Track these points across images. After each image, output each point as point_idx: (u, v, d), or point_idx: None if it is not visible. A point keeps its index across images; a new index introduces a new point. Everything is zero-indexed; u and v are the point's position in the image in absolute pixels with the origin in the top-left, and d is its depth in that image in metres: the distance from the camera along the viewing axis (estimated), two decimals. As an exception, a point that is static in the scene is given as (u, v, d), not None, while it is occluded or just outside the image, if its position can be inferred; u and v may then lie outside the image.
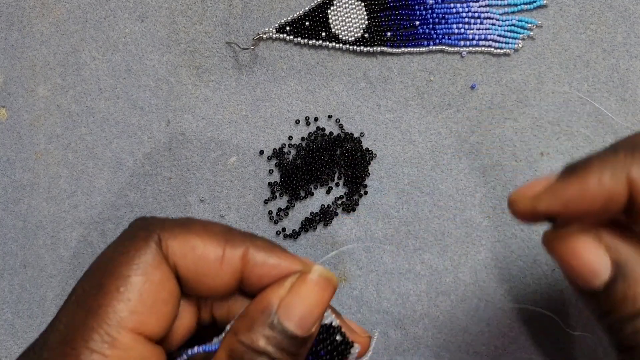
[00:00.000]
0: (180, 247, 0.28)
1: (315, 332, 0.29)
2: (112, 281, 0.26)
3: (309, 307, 0.29)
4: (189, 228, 0.28)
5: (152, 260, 0.27)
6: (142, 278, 0.26)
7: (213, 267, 0.28)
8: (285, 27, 0.49)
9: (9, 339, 0.48)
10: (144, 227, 0.28)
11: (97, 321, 0.25)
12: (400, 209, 0.49)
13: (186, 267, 0.28)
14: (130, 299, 0.26)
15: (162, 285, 0.27)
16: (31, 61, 0.50)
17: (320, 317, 0.29)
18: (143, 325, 0.26)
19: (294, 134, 0.49)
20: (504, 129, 0.49)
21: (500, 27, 0.49)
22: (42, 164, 0.49)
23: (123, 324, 0.25)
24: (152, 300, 0.26)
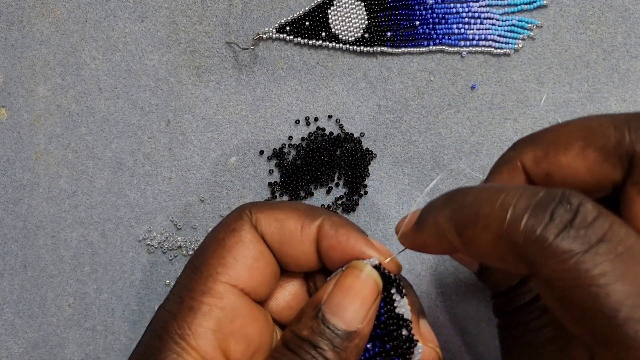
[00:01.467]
0: (266, 218, 0.32)
1: (364, 329, 0.30)
2: (211, 245, 0.32)
3: (351, 302, 0.30)
4: (275, 205, 0.33)
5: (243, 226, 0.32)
6: (235, 240, 0.32)
7: (294, 235, 0.32)
8: (285, 27, 0.49)
9: (10, 339, 0.48)
10: (240, 207, 0.34)
11: (197, 276, 0.31)
12: (401, 210, 0.49)
13: (271, 235, 0.32)
14: (224, 257, 0.31)
15: (252, 244, 0.32)
16: (31, 61, 0.50)
17: (364, 314, 0.30)
18: (236, 278, 0.31)
19: (294, 134, 0.49)
20: (504, 129, 0.49)
21: (501, 27, 0.49)
22: (42, 164, 0.49)
23: (219, 277, 0.30)
24: (243, 256, 0.31)
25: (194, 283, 0.31)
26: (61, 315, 0.48)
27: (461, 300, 0.48)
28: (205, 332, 0.29)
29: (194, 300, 0.30)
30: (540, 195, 0.25)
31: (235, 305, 0.30)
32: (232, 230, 0.32)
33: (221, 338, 0.30)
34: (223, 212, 0.49)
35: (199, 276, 0.31)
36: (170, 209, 0.49)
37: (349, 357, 0.29)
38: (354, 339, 0.29)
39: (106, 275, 0.48)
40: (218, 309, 0.30)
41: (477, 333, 0.48)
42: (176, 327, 0.29)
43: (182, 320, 0.30)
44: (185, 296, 0.30)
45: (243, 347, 0.31)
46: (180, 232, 0.49)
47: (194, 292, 0.30)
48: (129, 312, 0.48)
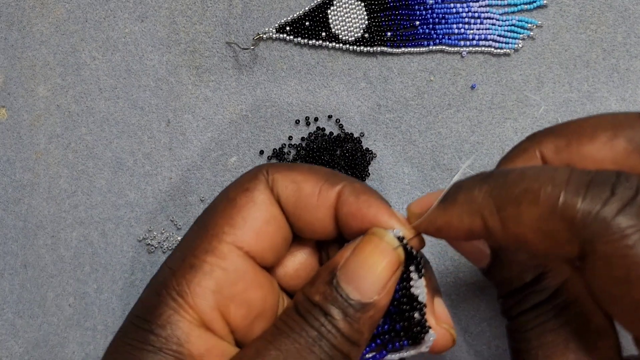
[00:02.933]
0: (283, 179, 0.31)
1: (380, 302, 0.28)
2: (221, 203, 0.30)
3: (368, 271, 0.28)
4: (294, 167, 0.32)
5: (257, 186, 0.30)
6: (246, 200, 0.30)
7: (310, 200, 0.30)
8: (285, 27, 0.49)
9: (10, 339, 0.48)
10: (257, 166, 0.32)
11: (203, 232, 0.30)
12: (401, 210, 0.48)
13: (286, 198, 0.30)
14: (232, 216, 0.29)
15: (265, 206, 0.30)
16: (31, 61, 0.50)
17: (382, 286, 0.28)
18: (242, 240, 0.29)
19: (294, 134, 0.49)
20: (504, 129, 0.49)
21: (501, 27, 0.49)
22: (42, 164, 0.49)
23: (224, 237, 0.29)
24: (252, 218, 0.30)
25: (198, 240, 0.29)
26: (61, 314, 0.48)
27: (462, 300, 0.48)
28: (204, 292, 0.28)
29: (196, 258, 0.29)
30: (596, 173, 0.24)
31: (239, 268, 0.29)
32: (245, 190, 0.30)
33: (221, 300, 0.29)
34: (223, 212, 0.49)
35: (204, 234, 0.30)
36: (170, 209, 0.49)
37: (361, 328, 0.28)
38: (369, 310, 0.28)
39: (106, 275, 0.48)
40: (220, 270, 0.29)
41: (478, 333, 0.48)
42: (175, 284, 0.28)
43: (182, 278, 0.28)
44: (187, 254, 0.29)
45: (243, 312, 0.29)
46: (181, 232, 0.49)
47: (197, 250, 0.29)
48: (129, 311, 0.48)
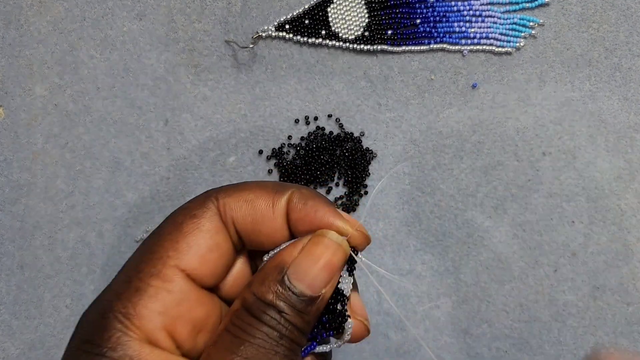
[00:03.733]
0: (235, 201, 0.32)
1: (326, 294, 0.31)
2: (168, 227, 0.32)
3: (317, 268, 0.31)
4: (242, 187, 0.33)
5: (204, 213, 0.32)
6: (193, 226, 0.31)
7: (266, 213, 0.32)
8: (284, 25, 0.49)
9: (7, 340, 0.48)
10: (206, 192, 0.33)
11: (148, 256, 0.31)
12: (401, 209, 0.48)
13: (242, 218, 0.32)
14: (178, 241, 0.31)
15: (210, 235, 0.32)
16: (28, 60, 0.49)
17: (328, 280, 0.31)
18: (185, 263, 0.31)
19: (293, 134, 0.49)
20: (505, 129, 0.48)
21: (502, 26, 0.49)
22: (40, 164, 0.49)
23: (169, 261, 0.30)
24: (197, 244, 0.31)
25: (143, 264, 0.31)
26: (58, 316, 0.48)
27: (462, 302, 0.48)
28: (150, 314, 0.29)
29: (141, 282, 0.30)
30: None
31: (183, 289, 0.30)
32: (192, 216, 0.32)
33: (167, 320, 0.30)
34: (222, 212, 0.48)
35: (149, 257, 0.31)
36: (168, 209, 0.48)
37: (310, 320, 0.30)
38: (318, 303, 0.30)
39: (104, 276, 0.48)
40: (165, 292, 0.30)
41: (478, 335, 0.47)
42: (121, 307, 0.29)
43: (127, 301, 0.29)
44: (133, 276, 0.30)
45: (189, 329, 0.31)
46: (179, 232, 0.48)
47: (142, 273, 0.30)
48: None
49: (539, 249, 0.48)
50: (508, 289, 0.48)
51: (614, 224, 0.48)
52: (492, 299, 0.48)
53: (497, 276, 0.48)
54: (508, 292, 0.48)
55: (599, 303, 0.47)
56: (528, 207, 0.48)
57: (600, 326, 0.47)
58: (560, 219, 0.48)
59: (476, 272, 0.48)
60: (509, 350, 0.47)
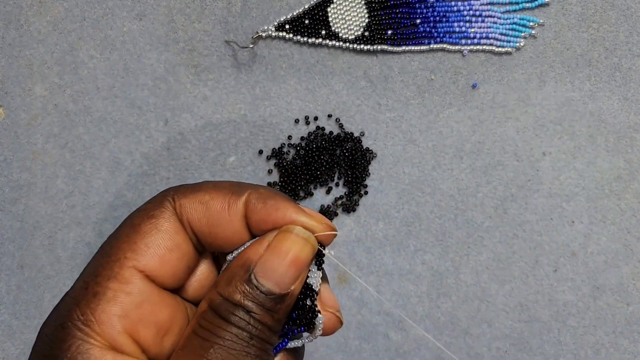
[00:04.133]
0: (191, 203, 0.31)
1: (295, 290, 0.30)
2: (125, 229, 0.31)
3: (285, 265, 0.30)
4: (199, 187, 0.32)
5: (162, 213, 0.31)
6: (151, 227, 0.30)
7: (221, 216, 0.31)
8: (284, 25, 0.49)
9: (7, 340, 0.48)
10: (163, 191, 0.32)
11: (105, 259, 0.30)
12: (401, 209, 0.48)
13: (198, 220, 0.31)
14: (135, 242, 0.30)
15: (169, 235, 0.31)
16: (28, 60, 0.49)
17: (297, 277, 0.30)
18: (143, 264, 0.30)
19: (293, 134, 0.49)
20: (505, 129, 0.48)
21: (502, 26, 0.49)
22: (40, 164, 0.49)
23: (126, 262, 0.29)
24: (155, 245, 0.30)
25: (100, 267, 0.30)
26: (58, 316, 0.48)
27: (462, 302, 0.48)
28: (109, 318, 0.28)
29: (99, 285, 0.29)
30: None
31: (143, 291, 0.29)
32: (150, 217, 0.31)
33: (128, 323, 0.29)
34: (222, 212, 0.48)
35: (106, 260, 0.30)
36: (168, 209, 0.48)
37: (280, 317, 0.30)
38: (287, 300, 0.30)
39: (104, 276, 0.48)
40: (124, 294, 0.29)
41: (478, 334, 0.47)
42: (79, 314, 0.28)
43: (86, 307, 0.28)
44: (90, 281, 0.29)
45: (153, 332, 0.30)
46: (179, 232, 0.48)
47: (99, 276, 0.29)
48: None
49: (539, 249, 0.48)
50: (508, 289, 0.48)
51: (614, 224, 0.48)
52: (492, 299, 0.48)
53: (497, 276, 0.48)
54: (508, 292, 0.48)
55: (599, 303, 0.47)
56: (528, 207, 0.48)
57: (600, 326, 0.47)
58: (560, 219, 0.48)
59: (476, 272, 0.48)
60: (509, 350, 0.47)
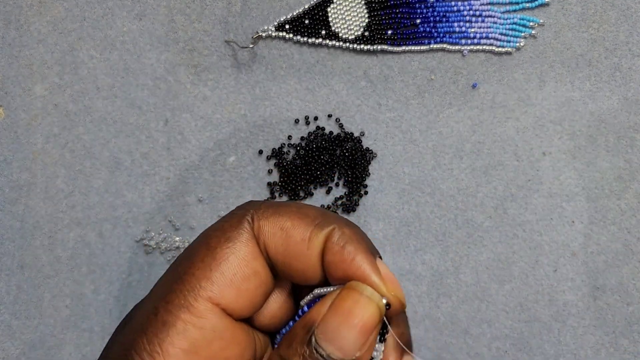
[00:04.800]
0: (271, 227, 0.28)
1: (364, 357, 0.27)
2: (200, 251, 0.28)
3: (350, 329, 0.27)
4: (281, 210, 0.29)
5: (240, 236, 0.28)
6: (228, 251, 0.28)
7: (300, 248, 0.28)
8: (284, 25, 0.49)
9: (7, 340, 0.48)
10: (242, 207, 0.30)
11: (179, 286, 0.27)
12: (401, 209, 0.48)
13: (275, 248, 0.28)
14: (211, 269, 0.27)
15: (247, 261, 0.28)
16: (28, 60, 0.49)
17: (362, 342, 0.27)
18: (220, 296, 0.27)
19: (293, 134, 0.49)
20: (505, 129, 0.48)
21: (502, 26, 0.49)
22: (40, 164, 0.49)
23: (201, 292, 0.27)
24: (232, 273, 0.27)
25: (173, 294, 0.27)
26: (58, 316, 0.48)
27: (462, 302, 0.48)
28: (177, 353, 0.26)
29: (170, 314, 0.26)
30: None
31: (216, 326, 0.27)
32: (226, 239, 0.28)
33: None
34: (221, 213, 0.48)
35: (179, 287, 0.27)
36: (168, 209, 0.48)
37: None
38: None
39: (103, 276, 0.48)
40: (195, 329, 0.26)
41: (478, 334, 0.47)
42: (146, 343, 0.26)
43: (153, 336, 0.26)
44: (160, 308, 0.27)
45: None
46: (179, 232, 0.48)
47: (170, 304, 0.27)
48: (126, 313, 0.48)
49: (539, 249, 0.48)
50: (508, 289, 0.48)
51: (614, 224, 0.48)
52: (492, 299, 0.48)
53: (497, 276, 0.48)
54: (508, 292, 0.48)
55: (599, 303, 0.47)
56: (528, 207, 0.48)
57: (600, 326, 0.47)
58: (560, 219, 0.48)
59: (476, 272, 0.48)
60: (509, 350, 0.47)
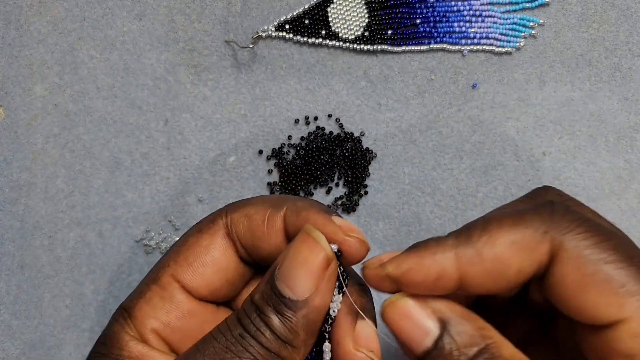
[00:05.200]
0: (238, 216, 0.32)
1: (315, 300, 0.28)
2: (179, 240, 0.33)
3: (301, 269, 0.28)
4: (249, 201, 0.33)
5: (209, 229, 0.32)
6: (194, 241, 0.32)
7: (261, 229, 0.31)
8: (284, 25, 0.49)
9: (7, 340, 0.48)
10: (224, 207, 0.34)
11: (158, 265, 0.33)
12: (401, 210, 0.48)
13: (243, 233, 0.32)
14: (179, 253, 0.32)
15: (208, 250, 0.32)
16: (28, 60, 0.49)
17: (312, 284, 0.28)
18: (180, 274, 0.32)
19: (293, 134, 0.49)
20: (505, 129, 0.48)
21: (502, 26, 0.49)
22: (40, 164, 0.49)
23: (167, 270, 0.32)
24: (193, 258, 0.32)
25: (152, 272, 0.33)
26: (58, 316, 0.48)
27: (462, 301, 0.48)
28: (142, 315, 0.31)
29: (145, 285, 0.32)
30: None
31: (175, 298, 0.32)
32: (198, 230, 0.33)
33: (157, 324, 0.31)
34: (222, 212, 0.48)
35: (157, 266, 0.33)
36: (168, 209, 0.48)
37: (295, 328, 0.28)
38: (302, 308, 0.28)
39: (103, 276, 0.48)
40: (158, 298, 0.32)
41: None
42: (127, 306, 0.32)
43: (130, 301, 0.32)
44: (143, 281, 0.33)
45: (178, 337, 0.32)
46: (178, 232, 0.48)
47: (147, 278, 0.33)
48: None
49: (539, 249, 0.48)
50: (508, 289, 0.48)
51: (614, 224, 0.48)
52: (492, 299, 0.48)
53: (497, 276, 0.48)
54: (508, 292, 0.48)
55: (599, 303, 0.47)
56: (528, 207, 0.48)
57: (600, 326, 0.47)
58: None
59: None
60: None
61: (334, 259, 0.29)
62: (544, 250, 0.28)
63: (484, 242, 0.28)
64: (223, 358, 0.28)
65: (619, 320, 0.27)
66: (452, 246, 0.28)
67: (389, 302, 0.30)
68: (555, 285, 0.28)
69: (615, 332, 0.27)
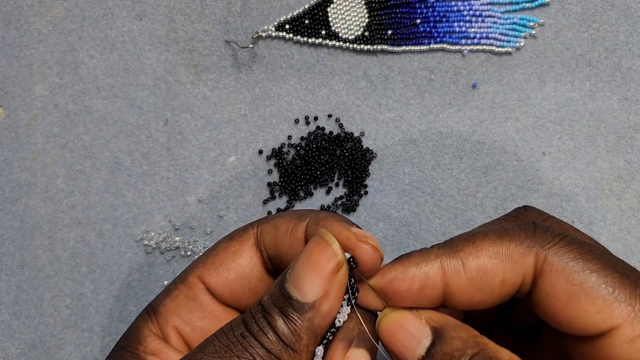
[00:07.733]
0: (267, 227, 0.33)
1: (322, 304, 0.28)
2: (212, 246, 0.34)
3: (310, 272, 0.28)
4: (280, 213, 0.34)
5: (239, 237, 0.33)
6: (222, 247, 0.33)
7: (285, 238, 0.32)
8: (284, 25, 0.49)
9: (7, 340, 0.48)
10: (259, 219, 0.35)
11: (187, 268, 0.34)
12: (401, 209, 0.48)
13: (269, 243, 0.33)
14: (208, 257, 0.33)
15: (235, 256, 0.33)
16: (28, 60, 0.49)
17: (324, 288, 0.28)
18: (205, 276, 0.33)
19: (293, 134, 0.49)
20: (505, 129, 0.48)
21: (502, 26, 0.49)
22: (40, 164, 0.49)
23: (195, 271, 0.33)
24: (219, 263, 0.33)
25: (182, 272, 0.34)
26: (58, 316, 0.48)
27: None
28: (166, 312, 0.33)
29: (173, 283, 0.34)
30: None
31: (199, 298, 0.33)
32: (229, 237, 0.34)
33: (178, 321, 0.32)
34: (221, 212, 0.48)
35: (188, 267, 0.34)
36: (168, 209, 0.48)
37: (299, 331, 0.28)
38: (308, 312, 0.28)
39: (103, 276, 0.48)
40: (183, 296, 0.33)
41: (478, 334, 0.47)
42: (154, 303, 0.33)
43: (157, 299, 0.33)
44: (171, 283, 0.34)
45: (198, 337, 0.32)
46: (178, 232, 0.48)
47: (177, 277, 0.34)
48: (126, 313, 0.48)
49: (539, 249, 0.48)
50: (508, 289, 0.48)
51: (614, 224, 0.48)
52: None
53: (497, 276, 0.48)
54: (508, 292, 0.48)
55: (599, 303, 0.47)
56: (528, 207, 0.48)
57: (600, 326, 0.47)
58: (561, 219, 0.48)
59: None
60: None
61: (345, 264, 0.29)
62: (529, 264, 0.28)
63: (468, 252, 0.28)
64: (222, 357, 0.28)
65: (611, 327, 0.27)
66: (437, 256, 0.29)
67: (383, 315, 0.30)
68: (544, 299, 0.28)
69: (609, 340, 0.27)
